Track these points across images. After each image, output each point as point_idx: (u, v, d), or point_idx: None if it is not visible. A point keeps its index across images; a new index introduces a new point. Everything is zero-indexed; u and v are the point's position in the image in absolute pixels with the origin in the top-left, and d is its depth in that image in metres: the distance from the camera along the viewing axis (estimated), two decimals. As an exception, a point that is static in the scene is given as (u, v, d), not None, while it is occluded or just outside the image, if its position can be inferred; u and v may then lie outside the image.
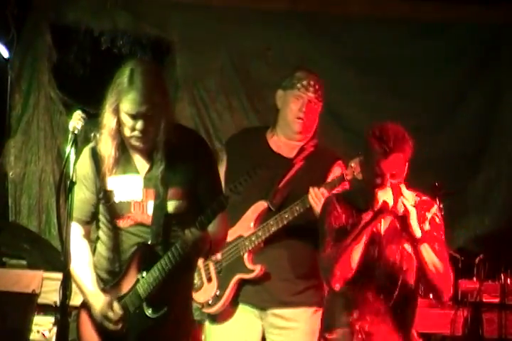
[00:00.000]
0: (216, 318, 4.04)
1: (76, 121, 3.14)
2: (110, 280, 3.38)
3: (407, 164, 3.55)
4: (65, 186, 3.05)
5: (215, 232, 3.31)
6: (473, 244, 6.07)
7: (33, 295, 4.75)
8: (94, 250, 3.47)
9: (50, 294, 4.72)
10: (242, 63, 6.41)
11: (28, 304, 4.75)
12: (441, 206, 5.26)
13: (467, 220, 6.25)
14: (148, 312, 3.26)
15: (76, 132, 3.12)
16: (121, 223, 3.34)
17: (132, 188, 3.33)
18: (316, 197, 3.84)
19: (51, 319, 4.80)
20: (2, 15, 6.00)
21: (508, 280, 5.14)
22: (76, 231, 3.35)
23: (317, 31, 6.37)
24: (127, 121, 3.22)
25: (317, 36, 6.38)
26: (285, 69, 6.21)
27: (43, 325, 4.85)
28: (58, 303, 3.05)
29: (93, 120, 3.31)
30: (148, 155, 3.32)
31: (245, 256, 3.95)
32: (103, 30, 6.26)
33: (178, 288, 3.35)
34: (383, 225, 3.56)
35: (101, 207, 3.39)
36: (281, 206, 3.95)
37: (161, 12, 6.36)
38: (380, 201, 3.42)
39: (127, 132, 3.25)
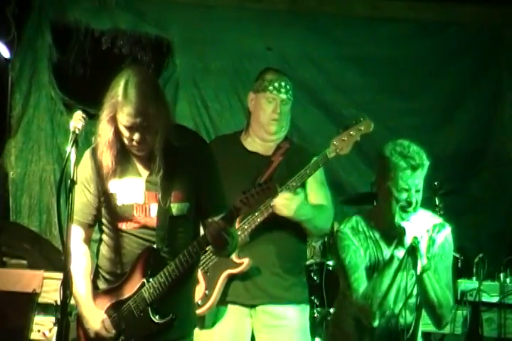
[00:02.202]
0: (204, 321, 4.01)
1: (77, 121, 3.16)
2: (112, 281, 3.38)
3: None
4: (65, 186, 3.05)
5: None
6: (472, 243, 6.08)
7: (34, 295, 4.75)
8: (97, 251, 3.48)
9: (51, 294, 4.72)
10: (242, 63, 6.42)
11: (28, 303, 4.75)
12: (440, 205, 5.28)
13: (466, 220, 6.25)
14: (156, 318, 3.26)
15: (77, 132, 3.13)
16: (125, 226, 3.34)
17: (134, 191, 3.34)
18: (283, 204, 3.88)
19: (52, 318, 4.80)
20: (3, 15, 6.01)
21: (507, 280, 5.15)
22: (77, 235, 3.36)
23: (317, 31, 6.38)
24: (124, 132, 3.25)
25: (317, 36, 6.39)
26: (285, 69, 6.29)
27: (43, 325, 4.85)
28: (59, 303, 3.06)
29: (94, 121, 3.32)
30: (149, 161, 3.34)
31: None
32: (103, 30, 6.26)
33: (183, 294, 3.37)
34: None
35: (103, 210, 3.40)
36: None
37: (161, 12, 6.37)
38: (410, 237, 3.51)
39: (126, 141, 3.28)
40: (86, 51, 6.22)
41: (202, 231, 3.40)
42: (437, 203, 5.23)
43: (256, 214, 3.93)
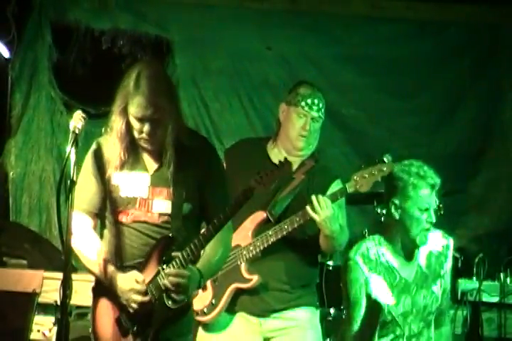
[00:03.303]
0: (211, 327, 4.01)
1: (77, 120, 3.17)
2: None
3: None
4: (65, 186, 3.06)
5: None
6: (472, 243, 6.08)
7: (34, 295, 4.75)
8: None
9: (51, 293, 4.72)
10: (242, 63, 6.41)
11: (28, 303, 4.75)
12: (441, 205, 5.27)
13: (467, 220, 6.26)
14: (169, 303, 3.25)
15: (77, 132, 3.14)
16: (125, 218, 3.34)
17: (139, 185, 3.34)
18: (317, 206, 3.83)
19: (51, 318, 4.81)
20: (3, 15, 6.01)
21: (508, 280, 5.15)
22: (87, 223, 3.36)
23: (317, 31, 6.37)
24: (135, 124, 3.26)
25: (317, 36, 6.38)
26: (285, 69, 6.30)
27: (43, 325, 4.85)
28: (59, 303, 3.07)
29: (94, 121, 3.33)
30: (157, 156, 3.35)
31: (242, 265, 3.94)
32: (103, 30, 6.26)
33: None
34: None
35: (107, 201, 3.38)
36: (279, 218, 3.94)
37: (161, 12, 6.36)
38: (424, 254, 3.66)
39: (135, 134, 3.29)
40: (86, 51, 6.22)
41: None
42: (438, 203, 5.21)
43: (270, 233, 3.91)
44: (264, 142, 4.15)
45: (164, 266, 3.26)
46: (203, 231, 3.29)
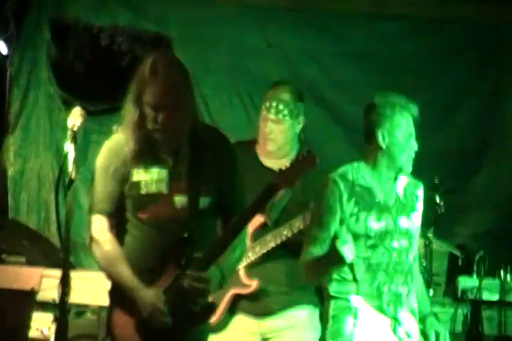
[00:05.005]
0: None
1: (75, 117, 3.13)
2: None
3: None
4: (64, 183, 3.04)
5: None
6: (473, 241, 6.07)
7: (32, 293, 4.75)
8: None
9: (49, 291, 4.71)
10: (242, 60, 6.40)
11: (27, 301, 4.75)
12: (441, 203, 5.27)
13: (467, 218, 6.25)
14: (192, 306, 3.20)
15: (75, 129, 3.11)
16: (146, 216, 3.26)
17: (159, 181, 3.27)
18: None
19: (50, 316, 4.80)
20: (1, 11, 6.00)
21: (508, 278, 5.14)
22: (104, 225, 3.28)
23: (318, 28, 6.36)
24: (150, 113, 3.19)
25: (318, 33, 6.37)
26: (286, 66, 6.28)
27: (42, 322, 4.85)
28: (57, 300, 3.05)
29: (93, 118, 3.30)
30: (173, 150, 3.28)
31: (241, 270, 3.94)
32: (102, 27, 6.25)
33: None
34: None
35: (126, 200, 3.30)
36: (277, 221, 3.95)
37: (160, 9, 6.35)
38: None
39: (149, 125, 3.21)
40: (85, 48, 6.21)
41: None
42: (438, 201, 5.21)
43: (268, 238, 3.92)
44: (253, 144, 4.15)
45: (185, 271, 3.19)
46: (224, 231, 3.26)
